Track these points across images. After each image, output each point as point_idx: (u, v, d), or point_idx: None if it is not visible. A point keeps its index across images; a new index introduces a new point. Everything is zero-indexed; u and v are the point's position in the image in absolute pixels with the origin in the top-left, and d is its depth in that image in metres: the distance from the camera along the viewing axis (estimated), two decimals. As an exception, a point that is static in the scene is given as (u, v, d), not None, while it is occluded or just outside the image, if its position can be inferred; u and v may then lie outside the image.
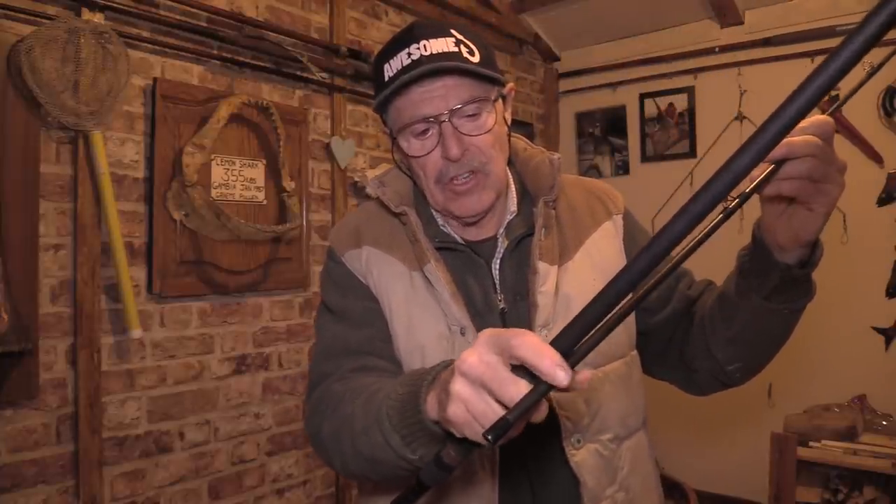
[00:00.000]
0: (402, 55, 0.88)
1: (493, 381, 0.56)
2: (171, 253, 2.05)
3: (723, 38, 3.30)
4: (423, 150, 0.91)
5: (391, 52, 0.90)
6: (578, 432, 0.92)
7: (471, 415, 0.57)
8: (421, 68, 0.86)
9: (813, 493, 2.56)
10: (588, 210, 1.04)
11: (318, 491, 2.55)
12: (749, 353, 0.95)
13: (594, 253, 1.00)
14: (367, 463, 0.80)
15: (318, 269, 2.57)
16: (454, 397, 0.58)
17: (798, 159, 0.69)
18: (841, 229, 2.93)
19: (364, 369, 0.93)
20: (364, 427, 0.77)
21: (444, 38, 0.88)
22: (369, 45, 2.78)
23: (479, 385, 0.57)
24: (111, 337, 1.94)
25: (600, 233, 1.02)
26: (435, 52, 0.87)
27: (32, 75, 1.69)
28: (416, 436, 0.70)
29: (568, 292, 0.95)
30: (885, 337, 2.85)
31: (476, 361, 0.57)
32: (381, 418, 0.73)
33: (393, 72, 0.89)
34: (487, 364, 0.56)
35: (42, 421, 1.79)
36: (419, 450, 0.70)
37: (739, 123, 3.22)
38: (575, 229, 1.01)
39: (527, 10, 3.49)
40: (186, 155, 2.02)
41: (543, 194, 0.99)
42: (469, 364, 0.57)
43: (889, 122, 2.86)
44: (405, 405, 0.71)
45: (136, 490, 1.99)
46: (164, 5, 2.08)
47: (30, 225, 1.75)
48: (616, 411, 0.95)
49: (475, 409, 0.56)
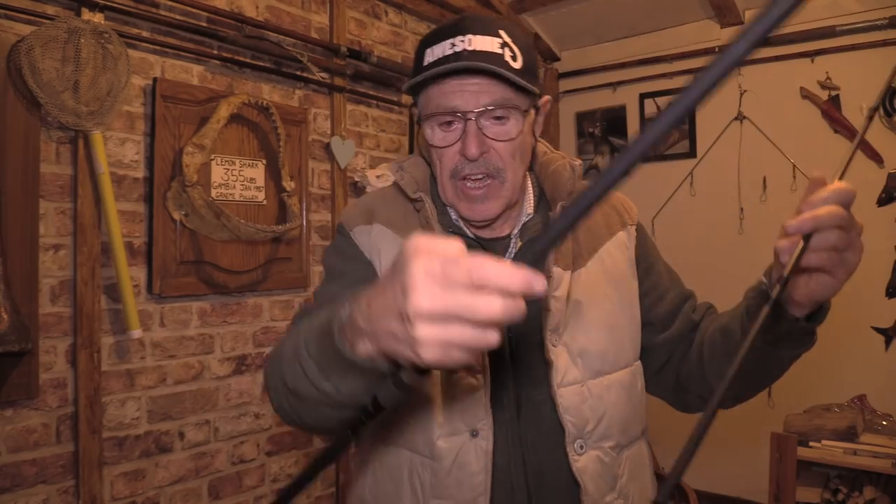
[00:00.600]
0: (446, 44, 0.88)
1: (463, 309, 0.47)
2: (171, 253, 2.05)
3: (723, 38, 3.29)
4: (444, 141, 0.92)
5: (436, 38, 0.90)
6: (581, 438, 0.92)
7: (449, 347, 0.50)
8: (459, 63, 0.85)
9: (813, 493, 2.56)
10: (603, 219, 1.04)
11: (318, 491, 2.55)
12: (742, 387, 0.98)
13: (607, 261, 1.01)
14: (293, 397, 0.76)
15: (318, 269, 2.57)
16: (425, 343, 0.49)
17: (825, 232, 0.70)
18: (841, 229, 2.93)
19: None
20: (289, 357, 0.74)
21: (490, 36, 0.88)
22: (369, 45, 2.78)
23: (446, 320, 0.49)
24: (111, 337, 1.94)
25: (614, 242, 1.03)
26: (478, 50, 0.86)
27: (32, 75, 1.69)
28: (332, 366, 0.65)
29: (579, 299, 0.96)
30: (885, 337, 2.85)
31: (430, 300, 0.48)
32: (299, 347, 0.70)
33: (433, 58, 0.89)
34: (443, 297, 0.48)
35: (42, 421, 1.79)
36: (340, 381, 0.66)
37: (739, 123, 3.22)
38: (589, 237, 1.01)
39: (527, 10, 3.49)
40: (186, 155, 2.02)
41: (562, 199, 0.99)
42: (425, 306, 0.48)
43: (889, 122, 2.86)
44: (323, 334, 0.66)
45: (136, 490, 1.99)
46: (164, 5, 2.08)
47: (30, 225, 1.75)
48: (619, 419, 0.96)
49: (453, 342, 0.49)
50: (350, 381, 0.65)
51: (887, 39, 2.84)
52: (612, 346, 0.97)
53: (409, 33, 3.00)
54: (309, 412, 0.76)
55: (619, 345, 0.98)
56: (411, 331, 0.50)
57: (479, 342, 0.49)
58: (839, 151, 2.99)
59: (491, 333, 0.49)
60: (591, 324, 0.96)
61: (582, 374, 0.93)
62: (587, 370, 0.94)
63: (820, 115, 3.03)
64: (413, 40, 3.01)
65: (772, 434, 2.44)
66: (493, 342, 0.49)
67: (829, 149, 3.01)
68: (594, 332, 0.96)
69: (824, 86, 3.02)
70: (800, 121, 3.08)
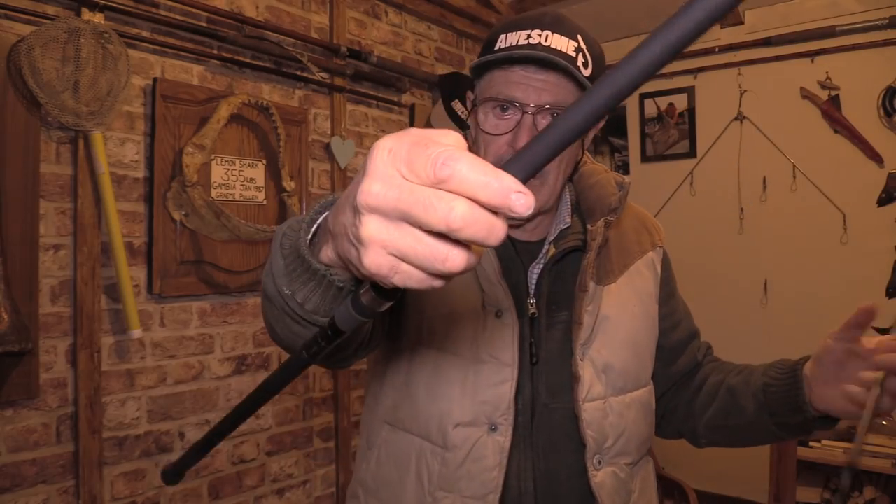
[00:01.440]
0: (523, 34, 0.87)
1: (415, 204, 0.36)
2: (171, 253, 2.05)
3: (723, 38, 3.29)
4: (496, 129, 0.89)
5: (514, 26, 0.89)
6: (600, 453, 0.91)
7: (396, 258, 0.39)
8: (532, 52, 0.84)
9: (813, 493, 2.56)
10: (636, 236, 1.04)
11: (318, 491, 2.55)
12: (727, 442, 1.03)
13: (636, 279, 1.01)
14: (265, 299, 0.67)
15: (318, 269, 2.57)
16: (367, 243, 0.39)
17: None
18: (841, 229, 2.93)
19: None
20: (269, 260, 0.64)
21: (568, 38, 0.87)
22: (369, 45, 2.78)
23: (396, 218, 0.38)
24: (111, 337, 1.94)
25: (644, 261, 1.03)
26: (553, 47, 0.85)
27: (32, 75, 1.69)
28: (294, 269, 0.58)
29: (607, 314, 0.95)
30: (885, 337, 2.85)
31: (383, 188, 0.38)
32: (276, 239, 0.62)
33: (506, 44, 0.88)
34: (400, 187, 0.37)
35: (42, 421, 1.79)
36: (297, 288, 0.58)
37: (739, 123, 3.22)
38: (622, 253, 1.01)
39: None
40: (186, 155, 2.02)
41: (604, 213, 0.97)
42: (375, 194, 0.38)
43: (889, 122, 2.86)
44: (295, 231, 0.58)
45: (136, 490, 1.99)
46: (164, 5, 2.08)
47: (30, 225, 1.75)
48: (637, 437, 0.97)
49: (401, 248, 0.38)
50: (311, 292, 0.57)
51: (887, 39, 2.84)
52: (635, 364, 0.97)
53: (409, 33, 3.00)
54: (277, 321, 0.66)
55: (642, 363, 0.99)
56: (358, 226, 0.40)
57: (432, 261, 0.38)
58: (839, 151, 2.99)
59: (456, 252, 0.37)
60: (617, 340, 0.95)
61: (605, 390, 0.93)
62: (610, 386, 0.94)
63: (820, 115, 3.03)
64: (413, 40, 3.01)
65: (772, 434, 2.44)
66: (455, 266, 0.37)
67: (829, 149, 3.01)
68: (620, 349, 0.95)
69: (824, 86, 3.02)
70: (800, 121, 3.08)
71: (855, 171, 2.94)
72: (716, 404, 1.01)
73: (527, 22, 0.88)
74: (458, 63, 3.27)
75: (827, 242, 2.95)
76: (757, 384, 0.94)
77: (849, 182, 2.95)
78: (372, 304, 0.46)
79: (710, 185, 3.30)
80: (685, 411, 1.06)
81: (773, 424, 0.91)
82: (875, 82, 2.88)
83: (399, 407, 0.93)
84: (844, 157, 2.97)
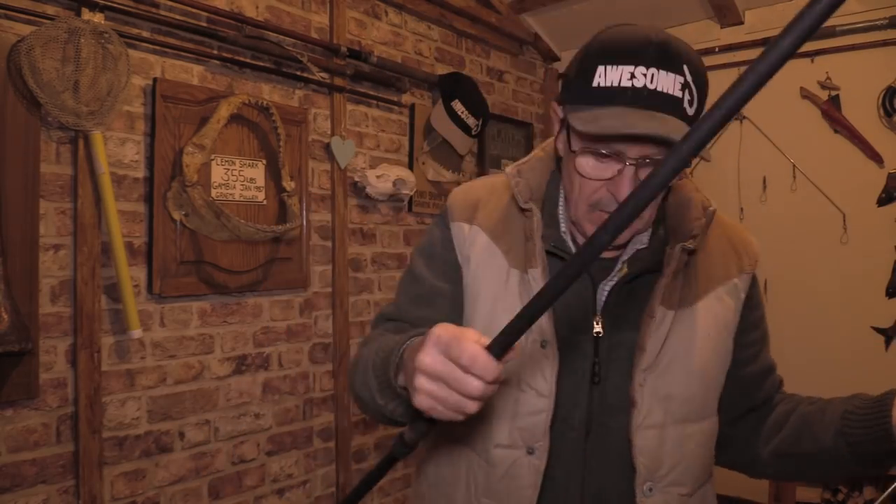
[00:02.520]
0: (626, 71, 0.81)
1: (451, 379, 0.64)
2: (171, 253, 2.05)
3: (723, 38, 3.29)
4: (594, 174, 0.87)
5: (616, 57, 0.82)
6: (652, 481, 0.91)
7: (435, 401, 0.66)
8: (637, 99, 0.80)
9: (813, 493, 2.56)
10: (722, 261, 0.99)
11: (318, 491, 2.55)
12: (794, 472, 1.00)
13: (716, 306, 0.96)
14: (359, 401, 0.94)
15: (318, 269, 2.57)
16: (419, 390, 0.67)
17: None
18: (841, 229, 2.93)
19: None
20: (363, 368, 0.90)
21: (675, 74, 0.81)
22: (369, 45, 2.79)
23: (438, 380, 0.65)
24: (111, 337, 1.94)
25: (727, 287, 0.97)
26: (659, 90, 0.80)
27: (32, 75, 1.69)
28: (385, 388, 0.82)
29: (679, 341, 0.92)
30: (885, 337, 2.85)
31: (431, 361, 0.65)
32: (368, 365, 0.86)
33: (607, 83, 0.82)
34: (443, 363, 0.64)
35: (42, 421, 1.79)
36: (387, 401, 0.83)
37: (739, 123, 3.22)
38: (705, 278, 0.96)
39: (527, 10, 3.49)
40: (186, 155, 2.03)
41: (683, 238, 0.94)
42: (426, 364, 0.66)
43: (889, 122, 2.86)
44: (385, 361, 0.81)
45: (136, 490, 1.99)
46: (164, 5, 2.08)
47: (30, 225, 1.75)
48: (695, 468, 0.95)
49: (439, 397, 0.65)
50: (397, 406, 0.83)
51: (887, 39, 2.84)
52: (701, 395, 0.95)
53: (409, 33, 3.00)
54: (370, 413, 0.92)
55: (708, 394, 0.96)
56: (414, 377, 0.67)
57: (458, 407, 0.65)
58: (839, 151, 2.99)
59: (471, 404, 0.65)
60: (684, 369, 0.92)
61: (664, 418, 0.91)
62: (670, 415, 0.92)
63: (820, 115, 3.03)
64: (413, 40, 3.01)
65: (772, 434, 2.44)
66: (470, 410, 0.65)
67: (829, 149, 3.01)
68: (686, 378, 0.93)
69: (824, 86, 3.02)
70: (800, 121, 3.08)
71: (855, 171, 2.94)
72: (784, 431, 0.96)
73: (630, 54, 0.82)
74: (458, 63, 3.27)
75: (827, 242, 2.95)
76: (836, 412, 0.90)
77: (849, 182, 2.95)
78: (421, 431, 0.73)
79: (710, 185, 3.30)
80: (747, 439, 1.02)
81: (849, 454, 0.86)
82: (875, 82, 2.88)
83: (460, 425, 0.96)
84: (844, 157, 2.97)
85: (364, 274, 2.77)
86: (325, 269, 2.60)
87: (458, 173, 3.15)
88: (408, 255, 2.98)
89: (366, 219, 2.79)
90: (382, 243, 2.86)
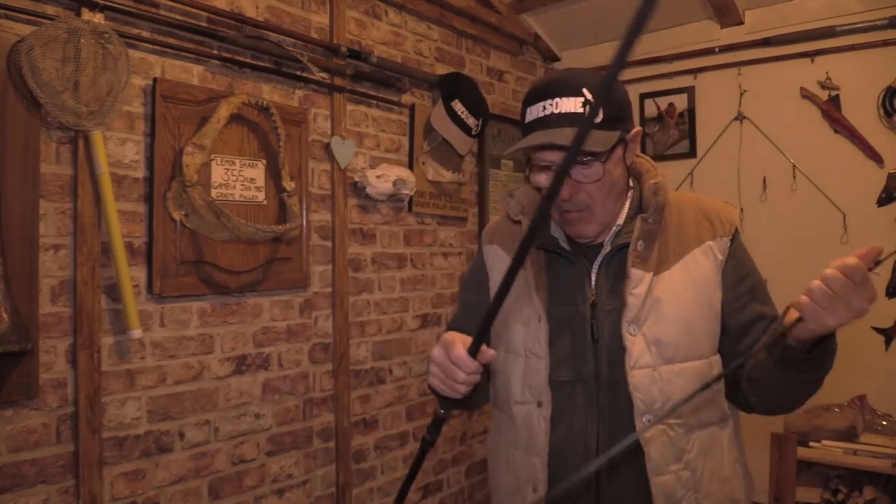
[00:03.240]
0: (539, 106, 1.12)
1: (445, 369, 1.01)
2: (171, 253, 2.05)
3: (723, 38, 3.30)
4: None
5: (534, 98, 1.13)
6: (650, 413, 1.10)
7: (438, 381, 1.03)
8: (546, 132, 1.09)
9: (813, 493, 2.56)
10: (695, 228, 1.20)
11: (318, 491, 2.55)
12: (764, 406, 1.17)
13: (692, 266, 1.16)
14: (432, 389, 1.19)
15: (318, 268, 2.57)
16: (430, 374, 1.05)
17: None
18: (841, 229, 2.93)
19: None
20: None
21: (574, 97, 1.09)
22: (369, 45, 2.79)
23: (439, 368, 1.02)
24: (111, 337, 1.94)
25: (702, 250, 1.18)
26: (563, 113, 1.09)
27: (32, 75, 1.69)
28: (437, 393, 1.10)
29: (659, 296, 1.14)
30: (885, 337, 2.85)
31: (436, 356, 1.04)
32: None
33: (530, 118, 1.13)
34: (442, 358, 1.02)
35: (42, 421, 1.79)
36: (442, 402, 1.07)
37: (739, 123, 3.22)
38: (678, 243, 1.18)
39: (527, 10, 3.49)
40: (186, 155, 2.02)
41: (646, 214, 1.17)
42: (435, 356, 1.04)
43: (889, 122, 2.86)
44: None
45: (136, 490, 1.99)
46: (164, 5, 2.08)
47: (30, 225, 1.75)
48: (690, 405, 1.11)
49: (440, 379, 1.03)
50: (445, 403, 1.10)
51: (887, 39, 2.84)
52: (686, 339, 1.13)
53: (409, 33, 3.00)
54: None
55: (694, 339, 1.14)
56: (429, 366, 1.06)
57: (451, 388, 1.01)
58: (839, 151, 3.00)
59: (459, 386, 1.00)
60: (667, 318, 1.13)
61: (654, 360, 1.12)
62: (659, 357, 1.12)
63: (820, 115, 3.03)
64: (413, 40, 3.01)
65: (772, 434, 2.44)
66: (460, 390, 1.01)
67: (829, 149, 3.01)
68: (670, 326, 1.13)
69: (824, 86, 3.02)
70: (800, 121, 3.08)
71: (855, 171, 2.94)
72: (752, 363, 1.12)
73: (540, 93, 1.12)
74: (458, 63, 3.27)
75: (827, 242, 2.95)
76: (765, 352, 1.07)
77: (849, 182, 2.95)
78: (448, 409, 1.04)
79: (710, 185, 3.30)
80: (739, 382, 1.17)
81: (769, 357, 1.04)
82: (875, 82, 2.88)
83: (497, 393, 1.30)
84: (844, 157, 2.97)
85: (364, 274, 2.77)
86: (325, 269, 2.60)
87: (458, 173, 3.15)
88: (408, 254, 2.98)
89: (366, 219, 2.79)
90: (382, 243, 2.86)
